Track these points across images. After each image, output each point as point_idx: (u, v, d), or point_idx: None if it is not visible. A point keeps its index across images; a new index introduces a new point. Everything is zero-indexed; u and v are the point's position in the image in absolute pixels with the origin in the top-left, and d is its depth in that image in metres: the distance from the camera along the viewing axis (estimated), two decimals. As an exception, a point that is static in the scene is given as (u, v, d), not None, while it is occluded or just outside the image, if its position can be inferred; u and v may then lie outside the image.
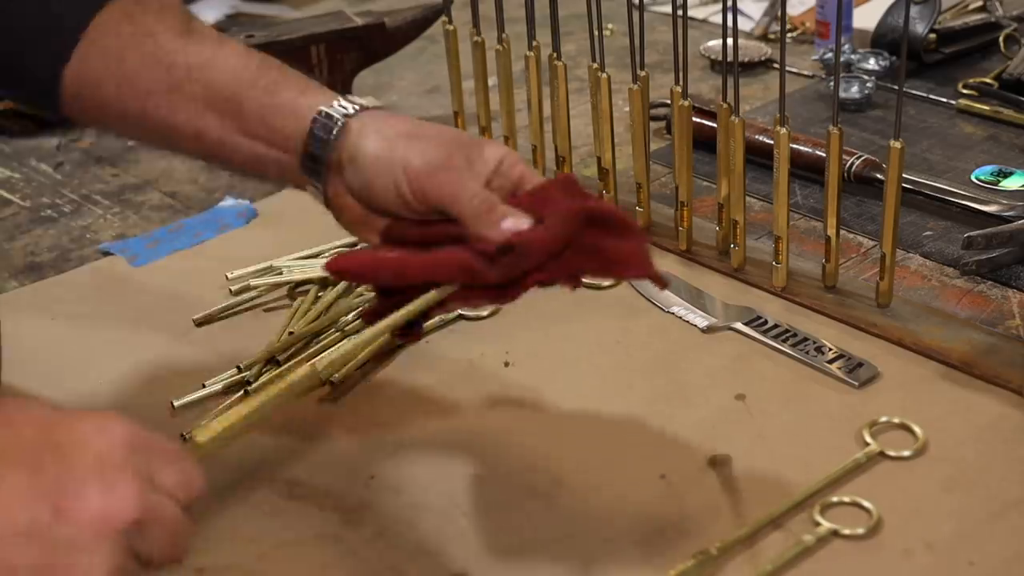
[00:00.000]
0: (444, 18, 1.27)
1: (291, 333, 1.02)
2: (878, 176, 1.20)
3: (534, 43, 1.19)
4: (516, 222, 0.78)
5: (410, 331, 0.83)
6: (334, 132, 0.82)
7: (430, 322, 1.04)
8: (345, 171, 0.82)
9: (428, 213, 0.81)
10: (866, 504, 0.81)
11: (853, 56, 1.47)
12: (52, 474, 0.58)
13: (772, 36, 1.64)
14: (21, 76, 0.90)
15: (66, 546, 0.57)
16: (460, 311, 1.04)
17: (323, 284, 1.09)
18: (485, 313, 1.04)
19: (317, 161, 0.83)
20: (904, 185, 1.18)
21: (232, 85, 0.85)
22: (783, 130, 1.00)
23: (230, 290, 1.10)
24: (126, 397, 0.98)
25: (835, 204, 1.01)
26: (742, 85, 1.04)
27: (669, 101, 1.13)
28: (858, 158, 1.21)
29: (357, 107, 0.83)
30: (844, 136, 0.97)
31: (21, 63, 0.89)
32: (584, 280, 0.83)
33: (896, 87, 0.97)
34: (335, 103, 0.83)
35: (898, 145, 0.97)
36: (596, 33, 1.12)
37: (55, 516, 0.58)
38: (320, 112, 0.83)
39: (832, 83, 1.42)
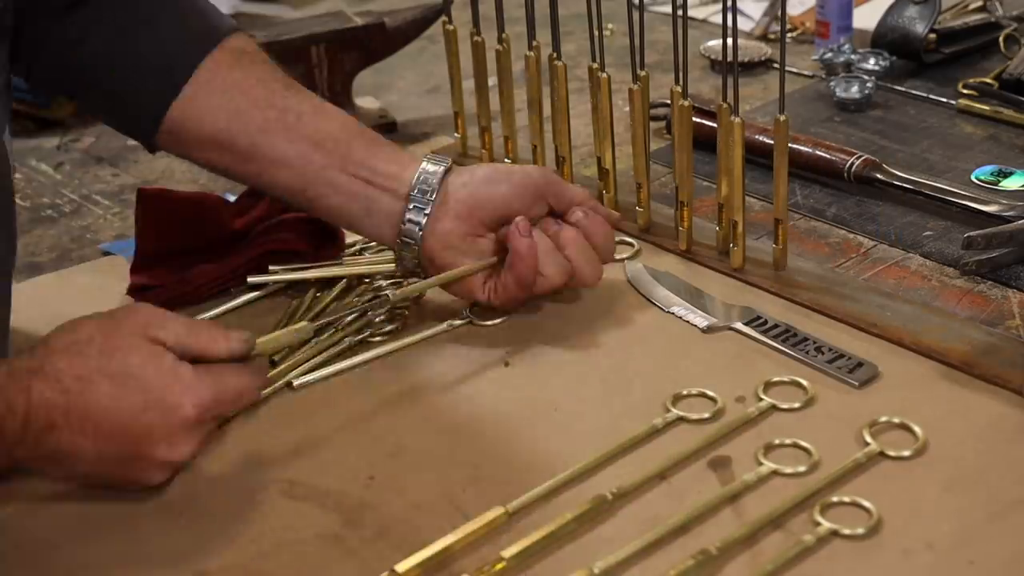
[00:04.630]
0: (444, 18, 1.27)
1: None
2: (878, 176, 1.20)
3: (534, 43, 1.19)
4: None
5: None
6: (443, 171, 0.99)
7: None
8: (452, 196, 0.98)
9: (538, 207, 1.00)
10: (866, 504, 0.81)
11: (853, 56, 1.47)
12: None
13: (772, 36, 1.64)
14: (126, 107, 1.02)
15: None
16: (471, 317, 1.04)
17: (321, 284, 1.09)
18: (493, 322, 1.04)
19: (428, 192, 0.98)
20: (904, 185, 1.19)
21: (341, 132, 1.00)
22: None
23: (229, 290, 1.10)
24: (126, 397, 0.98)
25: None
26: (742, 85, 1.04)
27: (669, 101, 1.13)
28: (858, 158, 1.21)
29: (450, 160, 1.00)
30: (844, 136, 0.98)
31: (131, 95, 1.01)
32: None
33: (896, 87, 0.96)
34: (433, 156, 1.00)
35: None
36: (596, 33, 1.12)
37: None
38: (426, 159, 0.99)
39: (832, 83, 1.42)
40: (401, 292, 0.98)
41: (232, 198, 1.16)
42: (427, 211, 0.98)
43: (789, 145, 1.03)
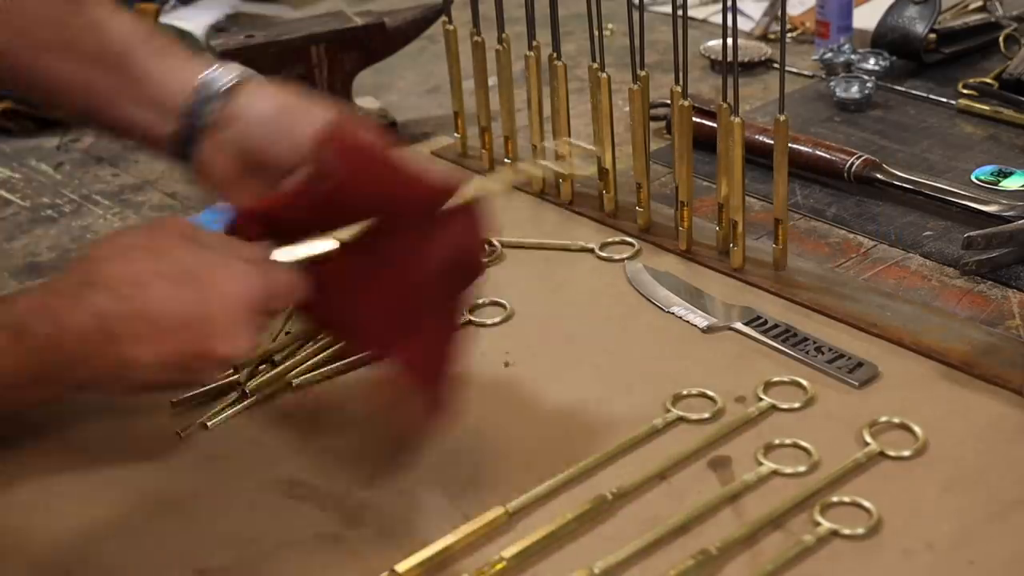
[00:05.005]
0: (444, 18, 1.27)
1: (287, 333, 1.02)
2: (878, 176, 1.20)
3: (534, 43, 1.19)
4: None
5: None
6: (218, 93, 0.90)
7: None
8: (227, 129, 0.90)
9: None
10: (866, 504, 0.81)
11: (853, 56, 1.47)
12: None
13: (772, 36, 1.64)
14: None
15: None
16: (470, 317, 1.04)
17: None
18: (492, 321, 1.05)
19: (196, 117, 0.90)
20: (904, 185, 1.19)
21: (122, 44, 0.92)
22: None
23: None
24: (126, 397, 0.98)
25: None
26: (742, 85, 1.04)
27: (669, 101, 1.13)
28: (858, 158, 1.21)
29: (239, 75, 0.91)
30: (844, 136, 0.98)
31: None
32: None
33: (896, 87, 0.96)
34: (219, 69, 0.91)
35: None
36: (596, 33, 1.12)
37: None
38: (205, 75, 0.91)
39: (832, 83, 1.42)
40: None
41: None
42: (191, 144, 0.91)
43: (789, 145, 1.03)
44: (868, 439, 0.87)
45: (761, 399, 0.92)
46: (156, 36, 0.94)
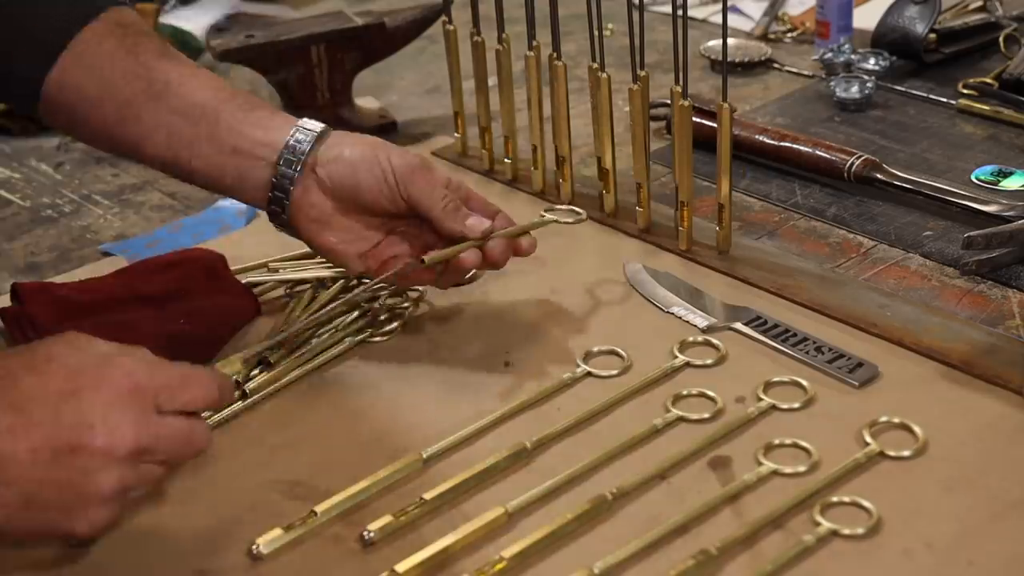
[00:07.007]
0: (444, 18, 1.27)
1: (283, 331, 1.02)
2: (878, 176, 1.20)
3: (534, 43, 1.19)
4: (478, 221, 0.97)
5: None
6: (312, 139, 0.96)
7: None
8: (320, 170, 0.96)
9: (402, 208, 0.97)
10: (866, 504, 0.81)
11: (853, 56, 1.47)
12: (69, 419, 0.73)
13: (772, 36, 1.64)
14: (6, 80, 1.00)
15: (81, 470, 0.73)
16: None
17: (319, 284, 1.09)
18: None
19: (294, 163, 0.96)
20: (904, 185, 1.19)
21: (210, 100, 0.97)
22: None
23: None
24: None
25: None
26: (742, 85, 1.05)
27: (669, 101, 1.13)
28: (858, 158, 1.21)
29: (324, 127, 0.98)
30: (844, 136, 0.98)
31: (8, 68, 0.99)
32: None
33: (896, 87, 0.96)
34: (307, 122, 0.98)
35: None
36: (596, 33, 1.12)
37: (71, 451, 0.72)
38: (298, 125, 0.97)
39: (832, 83, 1.42)
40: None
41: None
42: (292, 184, 0.96)
43: (789, 145, 1.03)
44: (868, 439, 0.87)
45: (761, 399, 0.92)
46: (239, 94, 0.99)
